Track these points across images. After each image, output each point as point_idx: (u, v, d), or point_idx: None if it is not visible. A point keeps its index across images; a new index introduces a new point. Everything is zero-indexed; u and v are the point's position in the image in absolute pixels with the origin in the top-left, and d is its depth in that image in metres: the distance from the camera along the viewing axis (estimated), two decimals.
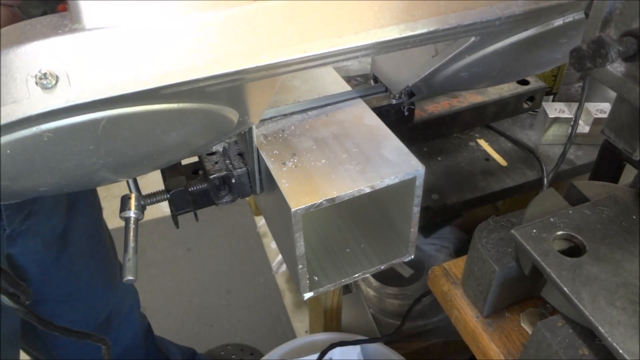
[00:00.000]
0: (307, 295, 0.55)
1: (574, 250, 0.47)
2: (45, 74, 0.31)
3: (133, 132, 0.36)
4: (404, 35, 0.39)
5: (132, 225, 0.51)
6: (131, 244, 0.49)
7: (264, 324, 1.61)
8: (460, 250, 1.42)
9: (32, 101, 0.30)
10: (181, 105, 0.35)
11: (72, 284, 0.87)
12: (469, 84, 0.56)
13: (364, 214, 0.63)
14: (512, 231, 0.48)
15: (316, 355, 1.00)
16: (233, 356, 1.47)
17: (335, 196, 0.47)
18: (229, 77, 0.35)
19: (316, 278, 0.56)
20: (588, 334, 0.43)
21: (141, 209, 0.52)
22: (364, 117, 0.58)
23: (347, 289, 1.45)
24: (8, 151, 0.31)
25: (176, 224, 0.60)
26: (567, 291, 0.42)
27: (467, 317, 0.56)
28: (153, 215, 1.87)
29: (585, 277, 0.43)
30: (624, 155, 0.64)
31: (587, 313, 0.40)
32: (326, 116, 0.59)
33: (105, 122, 0.33)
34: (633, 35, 0.33)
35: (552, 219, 0.48)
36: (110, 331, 1.00)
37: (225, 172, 0.57)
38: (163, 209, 1.87)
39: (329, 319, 1.17)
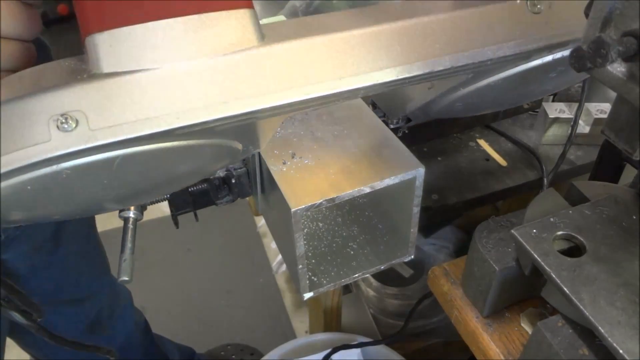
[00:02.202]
0: (307, 295, 0.55)
1: (574, 250, 0.47)
2: (66, 118, 0.33)
3: (145, 166, 0.39)
4: (400, 77, 0.42)
5: (130, 226, 0.51)
6: (128, 244, 0.49)
7: (264, 324, 1.61)
8: (460, 250, 1.42)
9: (53, 143, 0.33)
10: (192, 141, 0.38)
11: (60, 281, 0.88)
12: (465, 112, 0.60)
13: (364, 213, 0.63)
14: (512, 231, 0.47)
15: (316, 356, 1.00)
16: (233, 356, 1.47)
17: (335, 196, 0.47)
18: (237, 117, 0.38)
19: (315, 278, 0.56)
20: (588, 334, 0.43)
21: (140, 209, 0.52)
22: (364, 117, 0.58)
23: (347, 289, 1.45)
24: (29, 187, 0.34)
25: (176, 224, 0.60)
26: (567, 291, 0.42)
27: (467, 317, 0.56)
28: (153, 215, 1.87)
29: (585, 277, 0.43)
30: (624, 155, 0.64)
31: (587, 313, 0.40)
32: (326, 116, 0.59)
33: (119, 160, 0.35)
34: (633, 35, 0.33)
35: (552, 219, 0.48)
36: (103, 329, 1.00)
37: (225, 172, 0.57)
38: (163, 209, 1.86)
39: (329, 319, 1.17)
